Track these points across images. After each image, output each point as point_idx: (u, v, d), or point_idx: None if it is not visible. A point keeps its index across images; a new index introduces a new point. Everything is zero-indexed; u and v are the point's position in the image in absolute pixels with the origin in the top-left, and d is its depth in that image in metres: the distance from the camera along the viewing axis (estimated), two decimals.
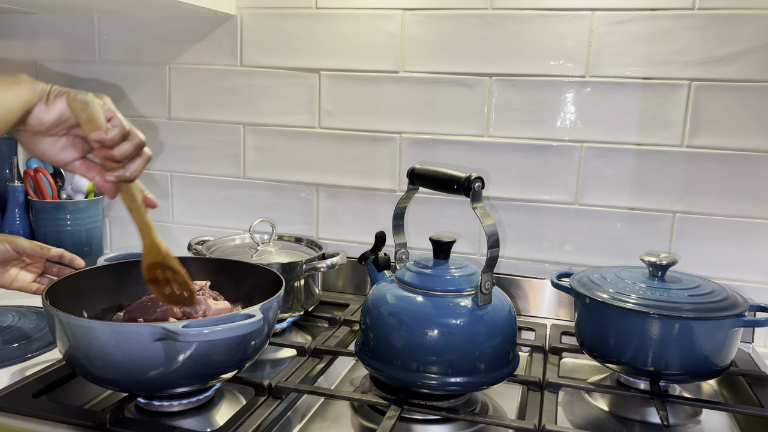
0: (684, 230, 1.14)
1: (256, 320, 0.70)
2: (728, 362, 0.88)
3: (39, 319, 1.04)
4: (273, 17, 1.28)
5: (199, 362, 0.72)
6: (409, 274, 0.85)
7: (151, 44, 1.36)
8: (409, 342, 0.80)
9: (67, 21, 1.41)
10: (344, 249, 1.30)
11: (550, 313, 1.20)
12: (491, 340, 0.81)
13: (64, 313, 0.72)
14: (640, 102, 1.12)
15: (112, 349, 0.69)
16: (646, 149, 1.14)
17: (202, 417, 0.80)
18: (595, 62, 1.13)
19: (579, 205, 1.18)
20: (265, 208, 1.36)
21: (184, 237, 1.38)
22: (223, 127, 1.35)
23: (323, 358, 0.97)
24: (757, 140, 1.09)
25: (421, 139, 1.24)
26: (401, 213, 0.93)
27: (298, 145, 1.31)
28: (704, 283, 0.91)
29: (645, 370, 0.86)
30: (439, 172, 0.84)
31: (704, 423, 0.88)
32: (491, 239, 0.78)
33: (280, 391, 0.82)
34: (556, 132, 1.17)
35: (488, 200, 1.23)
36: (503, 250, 1.23)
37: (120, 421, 0.74)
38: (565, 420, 0.87)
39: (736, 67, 1.07)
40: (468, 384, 0.80)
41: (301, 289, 1.08)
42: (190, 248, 1.15)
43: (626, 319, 0.85)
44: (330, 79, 1.27)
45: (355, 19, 1.23)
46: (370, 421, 0.83)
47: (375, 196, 1.29)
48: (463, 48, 1.19)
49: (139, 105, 1.40)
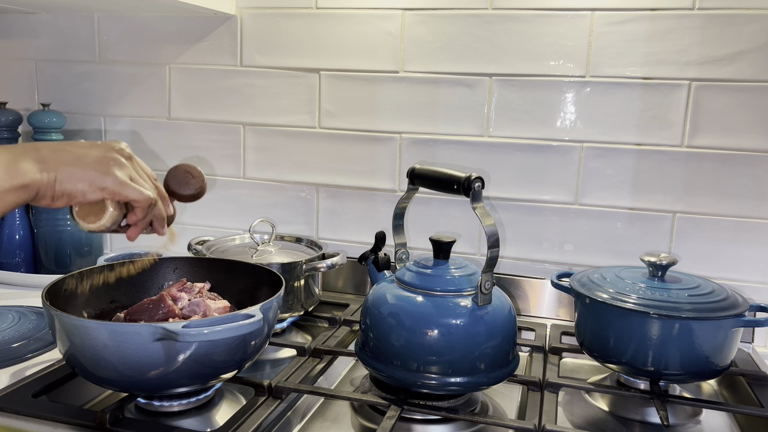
0: (684, 230, 1.14)
1: (256, 320, 0.70)
2: (728, 362, 0.88)
3: (39, 319, 1.04)
4: (273, 17, 1.28)
5: (199, 362, 0.72)
6: (409, 274, 0.85)
7: (151, 44, 1.36)
8: (409, 342, 0.80)
9: (67, 21, 1.41)
10: (344, 249, 1.30)
11: (550, 313, 1.20)
12: (491, 340, 0.81)
13: (64, 313, 0.72)
14: (640, 102, 1.12)
15: (112, 349, 0.69)
16: (646, 149, 1.14)
17: (202, 417, 0.80)
18: (595, 62, 1.13)
19: (579, 205, 1.18)
20: (265, 208, 1.36)
21: (184, 237, 1.38)
22: (223, 127, 1.35)
23: (323, 358, 0.97)
24: (757, 140, 1.09)
25: (421, 139, 1.24)
26: (401, 213, 0.93)
27: (298, 145, 1.31)
28: (704, 283, 0.91)
29: (645, 370, 0.86)
30: (439, 172, 0.84)
31: (704, 423, 0.88)
32: (491, 239, 0.78)
33: (280, 391, 0.82)
34: (556, 132, 1.17)
35: (488, 200, 1.23)
36: (503, 250, 1.23)
37: (120, 421, 0.74)
38: (565, 420, 0.87)
39: (736, 67, 1.07)
40: (468, 384, 0.80)
41: (301, 289, 1.08)
42: (190, 248, 1.15)
43: (626, 319, 0.85)
44: (330, 79, 1.27)
45: (355, 19, 1.23)
46: (370, 421, 0.83)
47: (375, 196, 1.29)
48: (463, 48, 1.19)
49: (139, 105, 1.40)
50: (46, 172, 0.64)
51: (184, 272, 0.98)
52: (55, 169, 0.64)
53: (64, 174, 0.65)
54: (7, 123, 1.35)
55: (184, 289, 0.87)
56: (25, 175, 0.62)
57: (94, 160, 0.67)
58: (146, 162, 0.75)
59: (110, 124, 1.42)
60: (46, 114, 1.37)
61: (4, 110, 1.36)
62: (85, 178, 0.65)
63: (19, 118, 1.38)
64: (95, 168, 0.66)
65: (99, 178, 0.66)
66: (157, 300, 0.83)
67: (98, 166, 0.66)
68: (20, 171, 0.62)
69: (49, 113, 1.37)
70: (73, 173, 0.65)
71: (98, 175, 0.66)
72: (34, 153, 0.64)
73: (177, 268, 0.98)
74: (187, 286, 0.88)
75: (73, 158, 0.66)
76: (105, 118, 1.42)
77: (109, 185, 0.67)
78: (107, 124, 1.42)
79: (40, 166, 0.63)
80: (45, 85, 1.45)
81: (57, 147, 0.66)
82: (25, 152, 0.64)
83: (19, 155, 0.63)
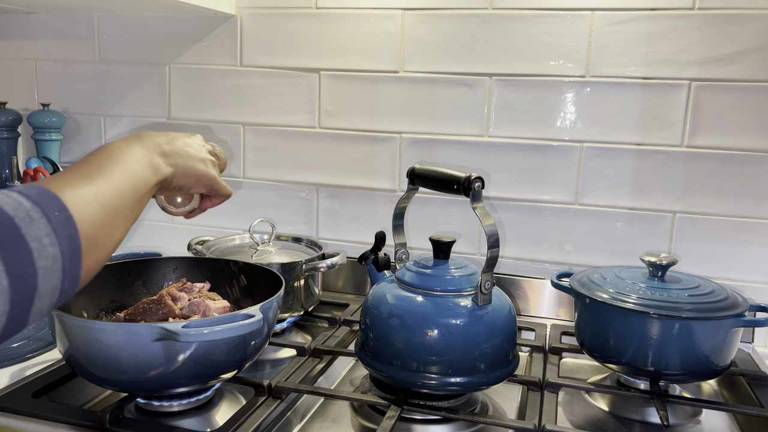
0: (684, 230, 1.14)
1: (255, 320, 0.70)
2: (728, 362, 0.88)
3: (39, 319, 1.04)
4: (273, 17, 1.28)
5: (199, 362, 0.72)
6: (409, 274, 0.85)
7: (151, 44, 1.36)
8: (409, 342, 0.80)
9: (67, 21, 1.41)
10: (344, 249, 1.30)
11: (550, 313, 1.20)
12: (491, 340, 0.81)
13: (64, 313, 0.72)
14: (640, 102, 1.12)
15: (111, 349, 0.69)
16: (646, 149, 1.14)
17: (202, 417, 0.80)
18: (595, 62, 1.13)
19: (579, 205, 1.18)
20: (265, 208, 1.36)
21: (184, 237, 1.38)
22: (222, 127, 1.35)
23: (323, 358, 0.97)
24: (757, 140, 1.09)
25: (421, 139, 1.24)
26: (401, 213, 0.93)
27: (298, 145, 1.31)
28: (704, 283, 0.91)
29: (645, 370, 0.86)
30: (439, 172, 0.84)
31: (704, 423, 0.88)
32: (491, 239, 0.78)
33: (280, 391, 0.82)
34: (556, 132, 1.17)
35: (488, 200, 1.23)
36: (503, 250, 1.23)
37: (120, 421, 0.74)
38: (565, 420, 0.87)
39: (736, 67, 1.07)
40: (468, 384, 0.80)
41: (301, 289, 1.08)
42: (189, 248, 1.15)
43: (626, 319, 0.85)
44: (330, 79, 1.27)
45: (355, 19, 1.23)
46: (370, 421, 0.83)
47: (375, 196, 1.29)
48: (463, 48, 1.19)
49: (139, 105, 1.40)
50: (171, 167, 0.66)
51: (184, 272, 0.98)
52: (175, 164, 0.67)
53: (181, 170, 0.68)
54: (7, 123, 1.35)
55: (183, 289, 0.87)
56: (163, 171, 0.64)
57: (199, 158, 0.70)
58: None
59: (110, 124, 1.42)
60: (46, 114, 1.37)
61: (4, 110, 1.36)
62: (194, 174, 0.69)
63: (19, 118, 1.38)
64: (202, 165, 0.70)
65: (204, 176, 0.71)
66: (157, 300, 0.83)
67: (202, 164, 0.71)
68: (160, 167, 0.64)
69: (48, 113, 1.37)
70: (187, 170, 0.68)
71: (203, 172, 0.70)
72: (158, 148, 0.65)
73: (177, 268, 0.98)
74: (187, 286, 0.88)
75: (187, 155, 0.69)
76: (105, 118, 1.42)
77: (210, 183, 0.72)
78: (107, 124, 1.42)
79: (166, 161, 0.65)
80: (45, 85, 1.45)
81: (170, 140, 0.68)
82: (153, 146, 0.65)
83: (151, 151, 0.64)
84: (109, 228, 0.54)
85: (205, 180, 0.71)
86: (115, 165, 0.58)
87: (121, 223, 0.56)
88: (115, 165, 0.58)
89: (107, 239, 0.54)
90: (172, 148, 0.67)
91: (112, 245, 0.55)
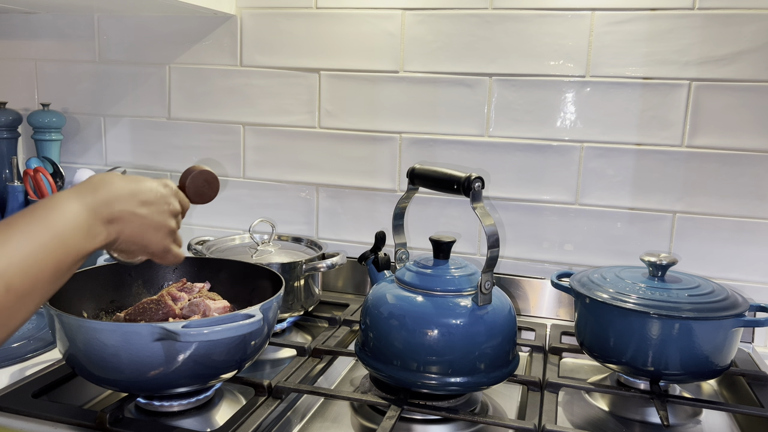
0: (684, 230, 1.14)
1: (255, 320, 0.70)
2: (728, 362, 0.88)
3: (39, 319, 1.04)
4: (273, 17, 1.28)
5: (199, 362, 0.72)
6: (409, 274, 0.85)
7: (151, 44, 1.36)
8: (409, 342, 0.80)
9: (67, 21, 1.41)
10: (344, 249, 1.30)
11: (550, 313, 1.20)
12: (491, 340, 0.81)
13: (64, 313, 0.72)
14: (640, 102, 1.12)
15: (111, 349, 0.69)
16: (646, 149, 1.14)
17: (202, 417, 0.80)
18: (595, 62, 1.13)
19: (579, 205, 1.18)
20: (265, 208, 1.36)
21: (184, 237, 1.37)
22: (223, 127, 1.35)
23: (323, 358, 0.97)
24: (757, 140, 1.09)
25: (421, 139, 1.24)
26: (401, 213, 0.93)
27: (298, 145, 1.31)
28: (704, 283, 0.91)
29: (645, 370, 0.86)
30: (439, 172, 0.84)
31: (704, 423, 0.88)
32: (491, 239, 0.78)
33: (280, 391, 0.82)
34: (556, 132, 1.17)
35: (488, 200, 1.23)
36: (503, 250, 1.23)
37: (120, 421, 0.74)
38: (565, 420, 0.87)
39: (736, 67, 1.07)
40: (468, 384, 0.80)
41: (301, 289, 1.08)
42: (189, 248, 1.15)
43: (626, 319, 0.85)
44: (330, 79, 1.27)
45: (355, 19, 1.23)
46: (370, 421, 0.83)
47: (375, 196, 1.29)
48: (463, 48, 1.19)
49: (139, 105, 1.40)
50: (114, 234, 0.64)
51: (184, 272, 0.98)
52: (121, 231, 0.64)
53: (126, 237, 0.65)
54: (7, 123, 1.35)
55: (184, 289, 0.87)
56: (99, 239, 0.61)
57: (152, 227, 0.67)
58: (146, 162, 0.76)
59: (110, 124, 1.42)
60: (46, 114, 1.37)
61: (4, 110, 1.36)
62: (141, 244, 0.67)
63: (19, 118, 1.38)
64: (154, 234, 0.68)
65: (151, 246, 0.69)
66: (157, 300, 0.83)
67: (155, 233, 0.68)
68: (98, 235, 0.61)
69: (48, 113, 1.37)
70: (133, 238, 0.66)
71: (152, 242, 0.68)
72: (106, 210, 0.62)
73: (177, 268, 0.98)
74: (187, 286, 0.88)
75: (138, 223, 0.66)
76: (105, 118, 1.42)
77: (159, 253, 0.70)
78: (107, 124, 1.42)
79: (110, 227, 0.63)
80: (45, 85, 1.45)
81: (127, 198, 0.65)
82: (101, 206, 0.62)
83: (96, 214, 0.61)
84: (10, 311, 0.47)
85: (151, 249, 0.69)
86: (43, 230, 0.52)
87: (29, 303, 0.49)
88: (43, 230, 0.52)
89: (6, 322, 0.47)
90: (124, 211, 0.64)
91: (12, 329, 0.48)
